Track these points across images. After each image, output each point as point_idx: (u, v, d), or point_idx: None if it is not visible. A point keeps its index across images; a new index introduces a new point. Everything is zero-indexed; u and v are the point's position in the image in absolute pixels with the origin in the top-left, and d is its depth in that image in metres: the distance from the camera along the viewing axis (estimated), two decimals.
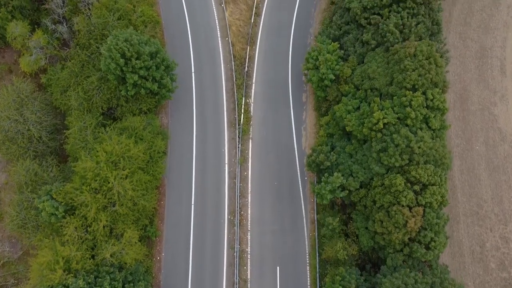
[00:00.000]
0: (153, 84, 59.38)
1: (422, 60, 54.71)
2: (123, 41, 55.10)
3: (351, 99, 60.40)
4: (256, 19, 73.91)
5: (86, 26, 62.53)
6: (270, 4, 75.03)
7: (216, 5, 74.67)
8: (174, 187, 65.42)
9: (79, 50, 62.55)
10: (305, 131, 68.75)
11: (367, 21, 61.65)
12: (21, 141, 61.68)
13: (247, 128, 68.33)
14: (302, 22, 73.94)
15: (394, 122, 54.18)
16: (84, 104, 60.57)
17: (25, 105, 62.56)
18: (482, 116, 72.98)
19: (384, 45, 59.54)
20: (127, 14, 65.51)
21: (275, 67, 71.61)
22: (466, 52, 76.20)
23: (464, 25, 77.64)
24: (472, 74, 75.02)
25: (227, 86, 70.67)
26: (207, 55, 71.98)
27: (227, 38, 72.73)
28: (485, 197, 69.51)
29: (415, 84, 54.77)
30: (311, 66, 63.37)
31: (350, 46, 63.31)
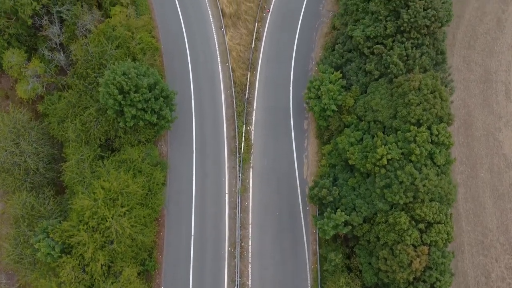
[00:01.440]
0: (152, 116, 58.23)
1: (427, 94, 53.52)
2: (121, 75, 53.92)
3: (353, 131, 59.20)
4: (257, 43, 72.72)
5: (83, 55, 61.33)
6: (271, 28, 73.82)
7: (216, 29, 73.48)
8: (174, 218, 64.23)
9: (77, 80, 61.38)
10: (307, 159, 67.53)
11: (370, 51, 60.48)
12: (18, 173, 60.53)
13: (247, 156, 67.12)
14: (304, 47, 72.70)
15: (398, 158, 52.98)
16: (81, 135, 59.41)
17: (22, 135, 61.39)
18: (487, 142, 71.77)
19: (387, 76, 58.36)
20: (126, 41, 64.31)
21: (276, 93, 70.41)
22: (470, 76, 74.98)
23: (468, 48, 76.43)
24: (477, 99, 73.82)
25: (227, 113, 69.47)
26: (207, 81, 70.78)
27: (227, 63, 71.53)
28: (490, 226, 68.31)
29: (419, 119, 53.58)
30: (313, 96, 62.19)
31: (352, 75, 62.13)
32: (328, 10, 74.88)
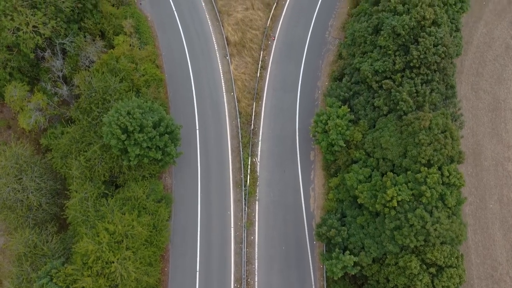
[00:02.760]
0: (157, 153, 57.19)
1: (437, 134, 52.44)
2: (125, 115, 52.89)
3: (362, 167, 58.14)
4: (262, 72, 71.66)
5: (86, 90, 60.32)
6: (277, 56, 72.77)
7: (221, 57, 72.45)
8: (178, 253, 63.18)
9: (80, 115, 60.36)
10: (314, 192, 66.45)
11: (379, 85, 59.42)
12: (20, 210, 59.55)
13: (253, 189, 66.06)
14: (310, 75, 71.66)
15: (408, 199, 51.89)
16: (85, 172, 58.39)
17: (24, 171, 60.37)
18: (496, 173, 70.64)
19: (396, 112, 57.27)
20: (129, 74, 63.30)
21: (282, 123, 69.36)
22: (478, 104, 73.89)
23: (476, 75, 75.32)
24: (485, 128, 72.70)
25: (233, 144, 68.41)
26: (212, 110, 69.75)
27: (232, 93, 70.50)
28: (500, 259, 67.20)
29: (430, 159, 52.49)
30: (320, 130, 61.14)
31: (360, 109, 61.07)
32: (334, 37, 73.84)
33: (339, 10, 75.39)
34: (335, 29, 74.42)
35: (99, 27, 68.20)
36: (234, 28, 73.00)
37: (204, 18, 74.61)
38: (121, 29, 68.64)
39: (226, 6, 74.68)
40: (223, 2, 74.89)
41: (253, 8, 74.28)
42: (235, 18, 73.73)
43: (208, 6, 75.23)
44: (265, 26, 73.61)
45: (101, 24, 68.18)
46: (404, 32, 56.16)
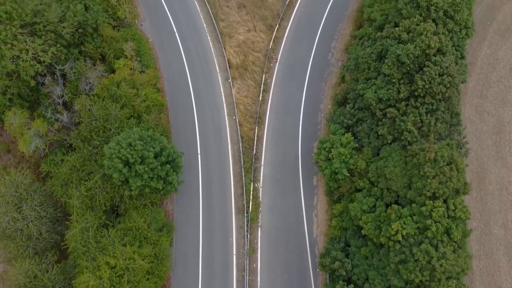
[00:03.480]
0: (158, 183, 56.55)
1: (443, 167, 51.77)
2: (126, 147, 52.22)
3: (366, 196, 57.47)
4: (265, 95, 70.96)
5: (87, 117, 59.65)
6: (279, 79, 72.05)
7: (223, 80, 71.73)
8: (180, 281, 62.48)
9: (80, 143, 59.68)
10: (317, 218, 65.76)
11: (383, 113, 58.73)
12: (20, 239, 58.94)
13: (255, 215, 65.40)
14: (312, 98, 70.96)
15: (413, 233, 51.21)
16: (86, 201, 57.72)
17: (24, 200, 59.73)
18: (501, 197, 69.89)
19: (401, 142, 56.57)
20: (130, 100, 62.61)
21: (285, 147, 68.65)
22: (482, 127, 73.13)
23: (480, 97, 74.59)
24: (489, 151, 71.95)
25: (235, 169, 67.72)
26: (214, 135, 69.05)
27: (234, 116, 69.80)
28: (505, 286, 66.43)
29: (435, 192, 51.80)
30: (323, 158, 60.44)
31: (364, 137, 60.38)
32: (337, 59, 73.14)
33: (342, 31, 74.67)
34: (337, 51, 73.68)
35: (99, 50, 67.56)
36: (236, 50, 72.30)
37: (206, 40, 73.91)
38: (121, 52, 67.96)
39: (227, 27, 73.99)
40: (225, 24, 74.20)
41: (255, 30, 73.58)
42: (237, 40, 73.02)
43: (210, 28, 74.52)
44: (267, 48, 72.93)
45: (102, 48, 67.54)
46: (409, 61, 55.49)
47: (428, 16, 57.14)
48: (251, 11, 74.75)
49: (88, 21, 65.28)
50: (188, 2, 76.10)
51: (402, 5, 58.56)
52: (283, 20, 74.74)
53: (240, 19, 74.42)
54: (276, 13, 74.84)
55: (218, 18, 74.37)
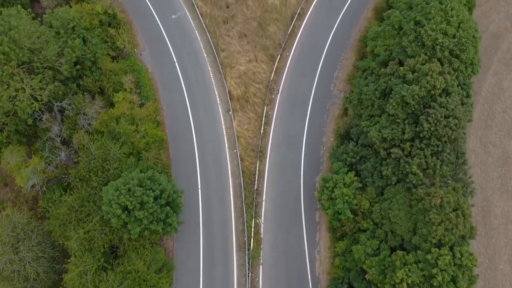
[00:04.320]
0: (158, 225, 55.41)
1: (449, 213, 50.68)
2: (125, 194, 51.10)
3: (370, 238, 56.38)
4: (266, 128, 69.78)
5: (85, 157, 58.54)
6: (280, 111, 70.88)
7: (224, 112, 70.58)
8: None
9: (78, 182, 58.56)
10: (319, 255, 64.62)
11: (387, 152, 57.58)
12: (17, 281, 57.77)
13: (257, 252, 64.26)
14: (314, 131, 69.76)
15: (419, 281, 50.08)
16: (84, 243, 56.59)
17: (21, 240, 58.60)
18: (506, 232, 68.75)
19: (405, 183, 55.46)
20: (129, 137, 61.45)
21: (286, 181, 67.49)
22: (487, 159, 71.99)
23: (485, 128, 73.43)
24: (495, 184, 70.80)
25: (236, 204, 66.58)
26: (215, 169, 67.90)
27: (235, 150, 68.67)
28: None
29: (441, 239, 50.69)
30: (326, 197, 59.33)
31: (368, 176, 59.26)
32: (339, 90, 71.98)
33: (345, 61, 73.52)
34: (340, 81, 72.51)
35: (98, 84, 66.48)
36: (237, 81, 71.18)
37: (206, 70, 72.76)
38: (121, 85, 66.87)
39: (228, 57, 72.85)
40: (226, 54, 73.07)
41: (257, 60, 72.43)
42: (237, 70, 71.90)
43: (210, 57, 73.36)
44: (268, 79, 71.79)
45: (101, 81, 66.46)
46: (414, 102, 54.41)
47: (433, 55, 56.05)
48: (252, 41, 73.63)
49: (87, 55, 64.25)
50: (188, 31, 74.98)
51: (407, 43, 57.44)
52: (285, 50, 73.61)
53: (241, 48, 73.28)
54: (278, 43, 73.71)
55: (219, 48, 73.25)
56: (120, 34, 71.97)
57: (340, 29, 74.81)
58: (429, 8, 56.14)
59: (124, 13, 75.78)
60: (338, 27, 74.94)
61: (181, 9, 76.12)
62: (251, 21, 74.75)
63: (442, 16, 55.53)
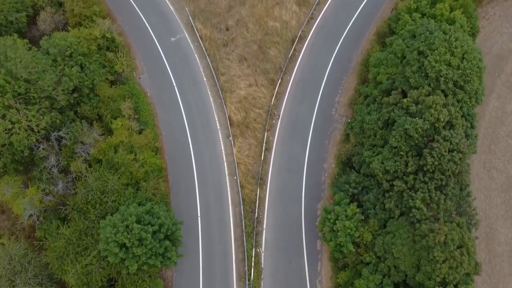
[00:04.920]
0: (156, 259, 54.43)
1: (453, 251, 49.69)
2: (123, 231, 50.10)
3: (372, 273, 55.34)
4: (267, 154, 68.75)
5: (83, 188, 57.56)
6: (281, 136, 69.85)
7: (223, 138, 69.56)
8: None
9: (76, 214, 57.58)
10: (321, 285, 63.57)
11: (390, 184, 56.59)
12: None
13: (257, 282, 63.27)
14: (316, 156, 68.71)
15: None
16: (82, 277, 55.60)
17: (18, 273, 57.59)
18: (510, 259, 67.69)
19: (409, 217, 54.46)
20: (128, 167, 60.43)
21: (287, 209, 66.46)
22: (491, 184, 70.98)
23: (488, 153, 72.41)
24: (498, 210, 69.78)
25: (236, 232, 65.56)
26: (215, 196, 66.88)
27: (236, 177, 67.65)
28: None
29: (445, 277, 49.69)
30: (328, 229, 58.34)
31: (370, 208, 58.28)
32: (341, 115, 70.96)
33: (346, 85, 72.52)
34: (341, 106, 71.50)
35: (96, 111, 65.56)
36: (237, 106, 70.19)
37: (206, 95, 71.76)
38: (119, 112, 65.86)
39: (228, 82, 71.85)
40: (226, 78, 72.08)
41: (257, 85, 71.44)
42: (238, 95, 70.92)
43: (210, 82, 72.37)
44: (269, 104, 70.77)
45: (99, 108, 65.48)
46: (417, 135, 53.40)
47: (437, 87, 55.06)
48: (253, 64, 72.61)
49: (84, 82, 63.38)
50: (188, 54, 73.99)
51: (410, 73, 56.46)
52: (286, 74, 72.59)
53: (241, 73, 72.30)
54: (278, 67, 72.71)
55: (219, 72, 72.27)
56: (118, 58, 71.00)
57: (342, 52, 73.82)
58: (433, 39, 55.15)
59: (123, 35, 74.83)
60: (340, 50, 73.96)
61: (181, 31, 75.14)
62: (251, 44, 73.77)
63: (446, 47, 54.54)
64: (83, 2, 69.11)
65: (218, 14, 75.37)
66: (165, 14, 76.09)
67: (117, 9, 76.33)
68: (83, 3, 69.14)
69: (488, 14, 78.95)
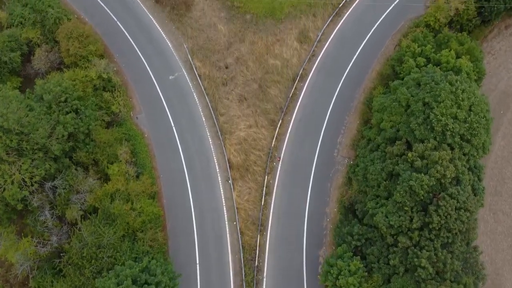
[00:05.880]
0: None
1: None
2: None
3: None
4: (267, 199, 67.01)
5: (78, 243, 55.86)
6: (282, 179, 68.08)
7: (223, 181, 67.81)
8: None
9: (71, 269, 55.86)
10: None
11: (394, 239, 54.85)
12: None
13: None
14: (317, 200, 66.97)
15: None
16: None
17: None
18: None
19: (414, 276, 52.71)
20: (125, 217, 58.70)
21: (288, 256, 64.70)
22: (497, 228, 69.28)
23: (494, 194, 70.68)
24: (505, 255, 68.09)
25: (236, 281, 63.77)
26: (214, 242, 65.09)
27: (235, 222, 65.93)
28: None
29: None
30: (330, 284, 56.65)
31: (374, 261, 56.51)
32: (343, 156, 69.23)
33: (348, 125, 70.74)
34: (344, 147, 69.74)
35: (92, 156, 63.77)
36: (236, 148, 68.47)
37: (205, 135, 69.99)
38: (115, 158, 64.15)
39: (228, 122, 70.10)
40: (225, 118, 70.32)
41: (257, 126, 69.70)
42: (237, 136, 69.17)
43: (209, 122, 70.59)
44: (269, 146, 69.01)
45: (95, 153, 63.73)
46: (423, 191, 51.67)
47: (443, 140, 53.30)
48: (253, 104, 70.88)
49: (80, 128, 61.61)
50: (186, 93, 72.23)
51: (415, 125, 54.68)
52: (286, 114, 70.83)
53: (241, 113, 70.55)
54: (279, 107, 70.95)
55: (218, 112, 70.55)
56: (115, 98, 69.28)
57: (344, 91, 72.08)
58: (439, 90, 53.35)
59: (120, 73, 73.07)
60: (342, 88, 72.24)
61: (179, 69, 73.39)
62: (251, 83, 72.03)
63: (453, 100, 52.77)
64: (78, 42, 67.29)
65: (217, 51, 73.63)
66: (163, 51, 74.32)
67: (114, 45, 74.54)
68: (79, 43, 67.34)
69: (494, 49, 77.30)
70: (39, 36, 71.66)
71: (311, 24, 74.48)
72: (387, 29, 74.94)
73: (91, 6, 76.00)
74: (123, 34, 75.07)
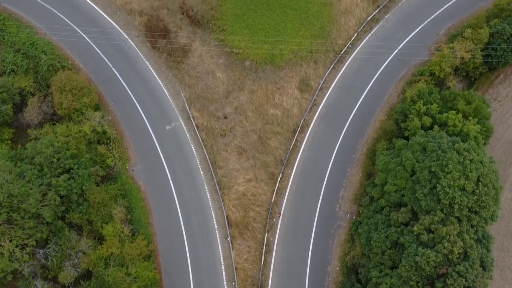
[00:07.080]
0: None
1: None
2: None
3: None
4: (267, 257, 64.90)
5: None
6: (282, 236, 65.96)
7: (221, 238, 65.67)
8: None
9: None
10: None
11: None
12: None
13: None
14: (319, 258, 64.96)
15: None
16: None
17: None
18: None
19: None
20: (119, 284, 56.60)
21: None
22: (504, 286, 67.11)
23: (501, 250, 68.45)
24: None
25: None
26: None
27: (234, 283, 63.79)
28: None
29: None
30: None
31: None
32: (345, 211, 67.11)
33: (351, 178, 68.58)
34: (346, 201, 67.58)
35: (85, 217, 61.60)
36: (235, 204, 66.31)
37: (203, 190, 67.80)
38: (110, 218, 62.01)
39: (227, 176, 67.91)
40: (223, 172, 68.13)
41: (257, 180, 67.52)
42: (236, 191, 67.01)
43: (207, 176, 68.41)
44: (269, 201, 66.87)
45: (88, 214, 61.58)
46: (429, 267, 49.54)
47: (451, 213, 51.16)
48: (252, 157, 68.68)
49: (73, 190, 59.44)
50: (184, 144, 69.96)
51: (421, 195, 52.52)
52: (287, 167, 68.63)
53: (240, 166, 68.35)
54: (279, 159, 68.77)
55: (216, 165, 68.38)
56: (110, 151, 67.24)
57: (346, 141, 69.86)
58: (446, 160, 51.16)
59: (115, 122, 70.84)
60: (344, 139, 70.03)
61: (176, 119, 71.14)
62: (250, 134, 69.82)
63: (460, 170, 50.60)
64: (72, 95, 65.11)
65: (215, 100, 71.41)
66: (160, 99, 72.05)
67: (109, 94, 72.28)
68: (72, 96, 65.16)
69: (500, 95, 75.06)
70: (32, 84, 69.65)
71: (312, 71, 72.25)
72: (391, 76, 72.66)
73: (85, 52, 73.65)
74: (119, 81, 72.78)
